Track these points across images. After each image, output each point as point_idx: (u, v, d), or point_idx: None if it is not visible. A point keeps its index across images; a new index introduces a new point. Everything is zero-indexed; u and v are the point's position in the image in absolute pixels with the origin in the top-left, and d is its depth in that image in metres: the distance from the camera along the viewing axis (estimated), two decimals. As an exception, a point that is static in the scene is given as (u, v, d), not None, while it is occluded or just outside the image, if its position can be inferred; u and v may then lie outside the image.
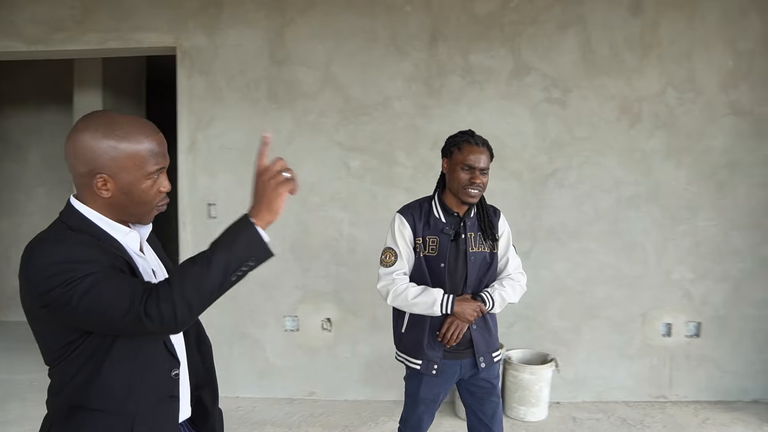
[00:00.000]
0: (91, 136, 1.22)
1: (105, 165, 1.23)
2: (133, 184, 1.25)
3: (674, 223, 4.09)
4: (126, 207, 1.28)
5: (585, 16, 3.95)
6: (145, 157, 1.25)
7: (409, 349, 2.37)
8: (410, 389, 2.42)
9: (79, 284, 1.13)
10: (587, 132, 4.04)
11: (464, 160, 2.30)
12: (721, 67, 3.99)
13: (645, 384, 4.10)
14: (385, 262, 2.36)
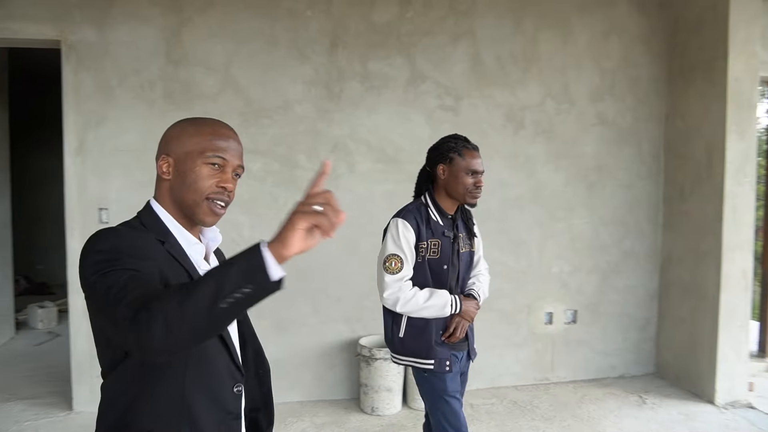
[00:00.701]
0: (172, 125, 1.33)
1: (171, 146, 1.29)
2: (189, 166, 1.26)
3: (553, 221, 4.58)
4: (179, 192, 1.28)
5: (475, 30, 4.32)
6: (208, 143, 1.27)
7: (417, 351, 2.41)
8: (434, 387, 2.42)
9: (110, 275, 1.08)
10: (477, 137, 4.31)
11: (468, 166, 2.43)
12: (590, 82, 4.56)
13: (531, 369, 4.55)
14: (391, 269, 2.38)
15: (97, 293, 1.09)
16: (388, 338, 2.52)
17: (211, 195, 1.28)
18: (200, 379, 1.22)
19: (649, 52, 4.65)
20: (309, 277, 4.15)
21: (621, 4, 4.58)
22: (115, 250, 1.14)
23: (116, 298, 1.04)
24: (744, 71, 4.11)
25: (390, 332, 2.50)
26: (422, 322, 2.40)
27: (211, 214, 1.29)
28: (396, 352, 2.49)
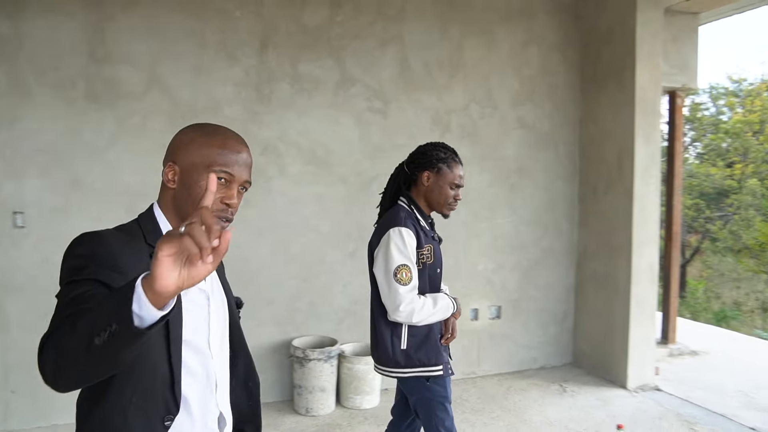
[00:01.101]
0: (181, 131, 1.31)
1: (179, 154, 1.26)
2: (195, 178, 1.23)
3: (477, 221, 4.80)
4: (183, 203, 1.26)
5: (403, 35, 4.46)
6: (217, 156, 1.23)
7: (426, 359, 2.36)
8: (436, 394, 2.39)
9: (70, 286, 1.08)
10: (405, 140, 4.54)
11: (454, 179, 2.44)
12: (511, 88, 4.81)
13: (459, 363, 4.72)
14: (404, 280, 2.29)
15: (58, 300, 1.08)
16: (387, 354, 2.39)
17: (214, 212, 1.22)
18: (140, 402, 1.17)
19: (565, 61, 4.97)
20: (240, 280, 4.13)
21: (540, 16, 4.87)
22: (89, 256, 1.13)
23: (54, 316, 1.04)
24: (649, 81, 4.49)
25: (390, 346, 2.38)
26: (425, 329, 2.37)
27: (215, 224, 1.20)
28: (397, 366, 2.38)
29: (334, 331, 4.38)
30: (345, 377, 4.16)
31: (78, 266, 1.11)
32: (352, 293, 4.44)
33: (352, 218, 4.42)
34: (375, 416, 4.03)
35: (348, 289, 4.43)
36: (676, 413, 4.12)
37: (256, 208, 4.14)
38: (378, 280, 2.38)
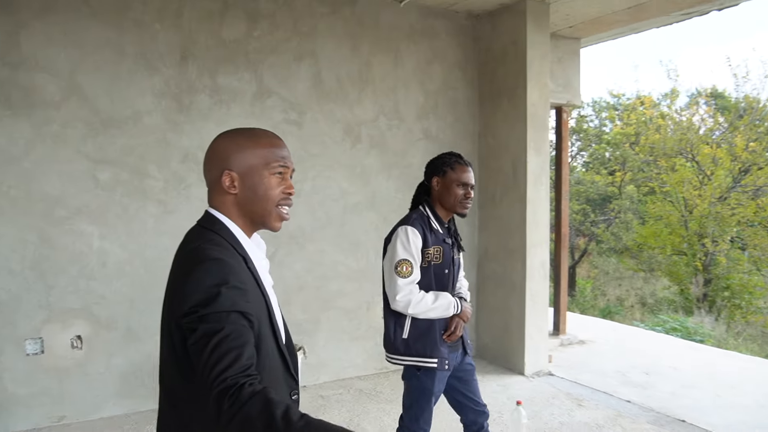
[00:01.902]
0: (221, 139, 1.45)
1: (232, 161, 1.39)
2: (257, 179, 1.40)
3: (386, 224, 5.13)
4: (250, 205, 1.41)
5: (316, 51, 4.81)
6: (270, 154, 1.41)
7: (422, 350, 2.62)
8: (424, 386, 2.65)
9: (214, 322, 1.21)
10: (319, 149, 4.90)
11: (459, 179, 2.67)
12: (416, 102, 5.29)
13: (372, 360, 5.13)
14: (403, 273, 2.56)
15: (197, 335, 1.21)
16: (389, 340, 2.69)
17: (281, 202, 1.43)
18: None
19: (464, 78, 5.52)
20: (161, 285, 4.28)
21: (441, 35, 5.38)
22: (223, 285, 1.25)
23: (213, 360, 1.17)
24: (538, 98, 5.11)
25: (392, 334, 2.68)
26: (427, 323, 2.62)
27: (279, 220, 1.46)
28: (397, 353, 2.67)
29: (254, 332, 4.62)
30: (266, 375, 4.42)
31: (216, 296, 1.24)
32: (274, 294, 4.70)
33: (271, 224, 4.68)
34: (296, 411, 4.31)
35: (267, 291, 4.69)
36: (566, 393, 4.73)
37: (177, 214, 4.33)
38: (384, 272, 2.69)
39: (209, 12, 4.41)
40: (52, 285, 4.05)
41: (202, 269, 1.28)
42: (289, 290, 4.79)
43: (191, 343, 1.23)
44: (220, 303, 1.23)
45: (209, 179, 1.45)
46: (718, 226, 13.88)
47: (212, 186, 1.45)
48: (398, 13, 5.14)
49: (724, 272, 14.29)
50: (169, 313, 1.34)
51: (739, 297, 13.84)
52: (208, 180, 1.46)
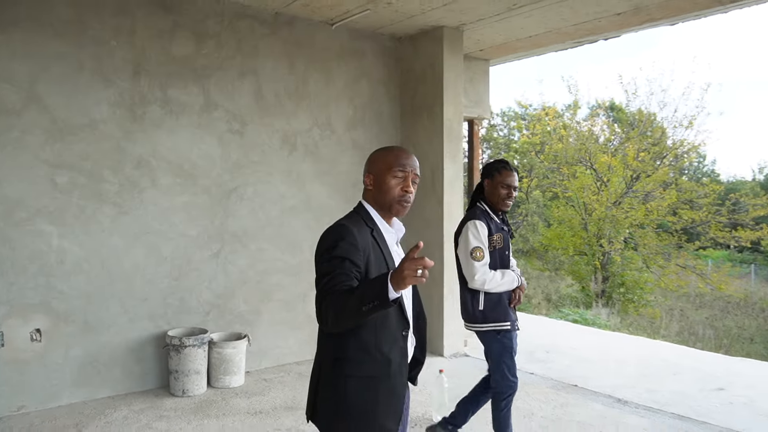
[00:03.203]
0: (372, 153, 2.18)
1: (371, 167, 2.11)
2: (382, 179, 2.07)
3: (320, 225, 5.78)
4: (377, 195, 2.08)
5: (258, 69, 5.41)
6: (391, 162, 2.07)
7: (497, 317, 3.39)
8: (505, 345, 3.42)
9: (328, 263, 1.87)
10: (259, 157, 5.49)
11: (504, 181, 3.43)
12: (346, 114, 5.99)
13: (308, 346, 5.76)
14: (477, 258, 3.34)
15: (317, 273, 1.91)
16: (468, 313, 3.48)
17: (399, 197, 2.07)
18: (384, 326, 1.99)
19: (388, 94, 6.28)
20: (117, 281, 4.77)
21: (368, 56, 6.12)
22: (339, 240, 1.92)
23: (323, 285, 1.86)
24: (453, 113, 5.94)
25: (470, 307, 3.45)
26: (497, 296, 3.41)
27: (401, 210, 2.09)
28: (476, 322, 3.44)
29: (202, 322, 5.16)
30: (215, 361, 4.97)
31: (332, 247, 1.90)
32: (216, 289, 5.25)
33: (216, 224, 5.24)
34: (244, 392, 4.89)
35: (213, 285, 5.23)
36: (480, 368, 5.53)
37: (131, 216, 4.81)
38: (460, 258, 3.43)
39: (160, 31, 4.93)
40: (12, 282, 4.43)
41: (331, 229, 2.00)
42: (234, 284, 5.35)
43: (318, 274, 1.90)
44: (337, 250, 1.89)
45: (363, 179, 2.16)
46: (613, 228, 15.41)
47: (365, 184, 2.16)
48: (330, 34, 5.83)
49: (620, 270, 15.88)
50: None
51: (632, 292, 15.43)
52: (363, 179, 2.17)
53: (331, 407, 1.98)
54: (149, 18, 4.88)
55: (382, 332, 1.98)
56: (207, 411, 4.51)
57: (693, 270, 15.67)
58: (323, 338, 2.05)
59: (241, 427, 4.21)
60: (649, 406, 4.69)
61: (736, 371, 5.76)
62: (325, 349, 2.03)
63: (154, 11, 4.90)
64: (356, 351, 1.95)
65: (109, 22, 4.71)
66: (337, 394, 1.97)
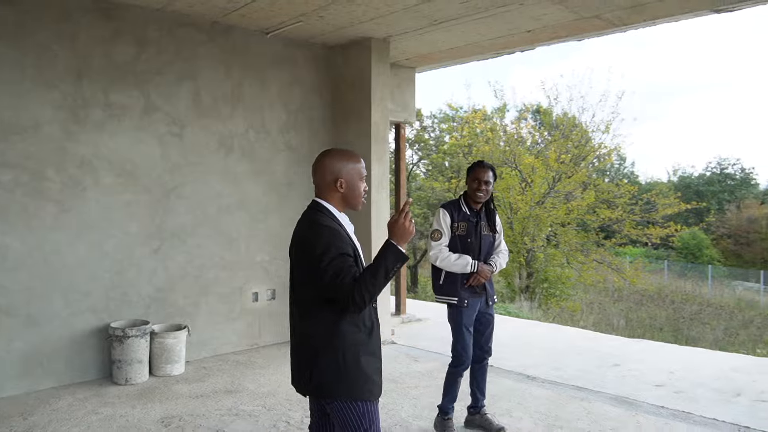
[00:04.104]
0: (333, 158, 2.45)
1: (342, 174, 2.42)
2: (354, 184, 2.44)
3: (255, 222, 6.30)
4: (349, 198, 2.45)
5: (196, 74, 5.80)
6: (360, 170, 2.47)
7: (448, 292, 4.04)
8: (455, 321, 4.05)
9: (334, 263, 2.23)
10: (197, 158, 5.87)
11: (474, 176, 4.06)
12: (280, 118, 6.45)
13: (245, 337, 6.19)
14: (435, 238, 4.01)
15: (323, 273, 2.22)
16: (434, 286, 4.15)
17: (362, 196, 2.52)
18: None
19: (320, 99, 6.78)
20: (59, 276, 5.06)
21: (301, 63, 6.60)
22: (331, 239, 2.28)
23: (340, 281, 2.22)
24: (381, 118, 6.49)
25: (436, 282, 4.12)
26: (454, 275, 4.03)
27: (361, 205, 2.52)
28: (438, 293, 4.12)
29: (143, 315, 5.50)
30: (157, 351, 5.33)
31: (329, 247, 2.26)
32: (156, 283, 5.61)
33: (156, 221, 5.60)
34: (185, 379, 5.28)
35: (153, 279, 5.58)
36: (406, 354, 6.15)
37: (73, 213, 5.12)
38: None
39: (102, 37, 5.25)
40: (-43, 276, 4.67)
41: (316, 232, 2.32)
42: (173, 279, 5.71)
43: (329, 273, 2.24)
44: (334, 249, 2.28)
45: (323, 182, 2.45)
46: (536, 227, 16.40)
47: (326, 186, 2.45)
48: (265, 42, 6.27)
49: (543, 266, 16.91)
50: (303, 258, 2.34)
51: (555, 287, 16.49)
52: (320, 182, 2.46)
53: (332, 374, 2.36)
54: (92, 24, 5.20)
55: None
56: (151, 396, 4.88)
57: (609, 265, 16.85)
58: (314, 323, 2.40)
59: (184, 409, 4.60)
60: (553, 381, 5.38)
61: (631, 350, 6.59)
62: (318, 331, 2.38)
63: (97, 18, 5.22)
64: (349, 325, 2.36)
65: (52, 29, 5.00)
66: (337, 362, 2.36)
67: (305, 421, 4.35)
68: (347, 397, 2.37)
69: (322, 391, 2.40)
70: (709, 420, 4.45)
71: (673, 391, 5.13)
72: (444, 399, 4.18)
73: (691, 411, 4.62)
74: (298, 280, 2.44)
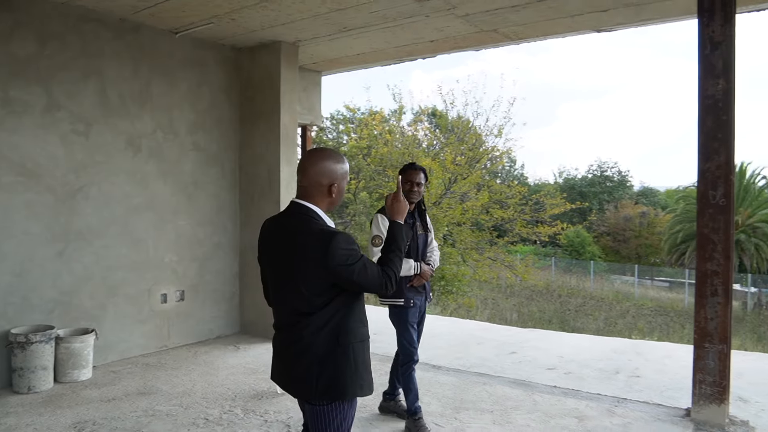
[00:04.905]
0: (330, 163, 2.44)
1: (337, 180, 2.45)
2: (343, 189, 2.50)
3: (163, 223, 6.29)
4: (335, 203, 2.49)
5: (102, 71, 5.72)
6: (347, 176, 2.52)
7: (395, 295, 4.15)
8: (401, 321, 4.26)
9: (359, 262, 2.33)
10: (104, 158, 5.80)
11: (407, 178, 4.19)
12: (188, 119, 6.47)
13: (154, 339, 6.16)
14: (376, 244, 4.04)
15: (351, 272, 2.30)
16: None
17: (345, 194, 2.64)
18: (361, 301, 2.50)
19: (228, 100, 6.85)
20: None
21: (210, 64, 6.64)
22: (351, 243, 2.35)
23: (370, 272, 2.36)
24: (289, 120, 6.67)
25: None
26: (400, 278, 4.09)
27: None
28: (385, 297, 4.18)
29: (47, 319, 5.37)
30: (62, 356, 5.22)
31: (352, 248, 2.34)
32: (61, 286, 5.49)
33: (61, 222, 5.48)
34: (93, 384, 5.21)
35: (58, 282, 5.46)
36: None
37: (-28, 214, 4.93)
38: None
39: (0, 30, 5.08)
40: None
41: (337, 237, 2.32)
42: (79, 281, 5.61)
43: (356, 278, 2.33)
44: (358, 253, 2.37)
45: (316, 185, 2.43)
46: (434, 226, 17.02)
47: (317, 190, 2.43)
48: (174, 42, 6.27)
49: (440, 264, 17.58)
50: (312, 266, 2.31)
51: (451, 284, 17.20)
52: (312, 184, 2.43)
53: (334, 373, 2.36)
54: (-11, 18, 5.03)
55: (362, 306, 2.53)
56: (58, 403, 4.79)
57: (502, 263, 17.83)
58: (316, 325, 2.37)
59: (96, 414, 4.57)
60: (457, 369, 5.79)
61: (526, 338, 7.17)
62: (321, 330, 2.37)
63: (-5, 11, 5.06)
64: (354, 323, 2.43)
65: (-53, 20, 4.81)
66: (344, 360, 2.38)
67: (224, 417, 4.48)
68: (352, 395, 2.41)
69: (334, 391, 2.37)
70: (594, 395, 5.00)
71: (564, 372, 5.69)
72: (408, 399, 4.31)
73: (579, 388, 5.17)
74: (300, 286, 2.36)
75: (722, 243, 4.15)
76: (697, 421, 4.31)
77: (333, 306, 2.35)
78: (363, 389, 2.44)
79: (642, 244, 35.39)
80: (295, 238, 2.38)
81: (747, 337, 16.42)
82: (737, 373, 5.31)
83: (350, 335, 2.39)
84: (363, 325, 2.49)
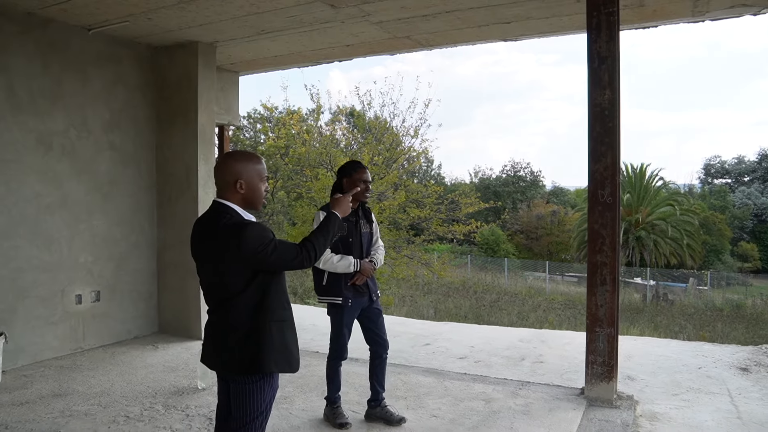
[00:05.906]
0: (236, 161, 2.71)
1: (243, 174, 2.66)
2: (254, 185, 2.68)
3: (78, 222, 6.24)
4: (250, 198, 2.69)
5: (9, 65, 5.62)
6: (260, 170, 2.70)
7: (332, 292, 4.17)
8: (336, 320, 4.26)
9: (274, 246, 2.58)
10: (13, 156, 5.70)
11: (360, 178, 4.18)
12: (103, 117, 6.44)
13: (67, 341, 6.09)
14: None
15: (267, 255, 2.55)
16: (317, 288, 4.26)
17: (263, 197, 2.79)
18: (282, 284, 2.76)
19: (145, 99, 6.84)
20: None
21: (125, 62, 6.62)
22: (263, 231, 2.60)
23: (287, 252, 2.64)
24: (207, 121, 6.74)
25: (319, 283, 4.23)
26: (337, 275, 4.15)
27: (261, 205, 2.80)
28: (321, 294, 4.25)
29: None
30: None
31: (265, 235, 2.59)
32: (-32, 288, 5.36)
33: (-33, 223, 5.35)
34: (3, 389, 5.09)
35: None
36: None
37: None
38: None
39: None
40: None
41: (249, 226, 2.59)
42: (-14, 283, 5.49)
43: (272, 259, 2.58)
44: (270, 237, 2.61)
45: (223, 183, 2.70)
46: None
47: (226, 187, 2.70)
48: (87, 39, 6.21)
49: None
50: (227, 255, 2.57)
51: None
52: (221, 182, 2.71)
53: (256, 348, 2.62)
54: None
55: (284, 289, 2.78)
56: (-34, 407, 4.71)
57: (419, 261, 18.31)
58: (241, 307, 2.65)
59: (9, 417, 4.51)
60: (374, 361, 6.06)
61: (440, 331, 7.54)
62: (243, 311, 2.64)
63: None
64: (273, 303, 2.68)
65: None
66: (264, 336, 2.63)
67: (145, 414, 4.56)
68: (269, 370, 2.66)
69: (254, 365, 2.63)
70: (501, 380, 5.40)
71: (474, 360, 6.07)
72: (330, 390, 4.45)
73: (487, 374, 5.56)
74: (220, 274, 2.65)
75: (609, 237, 4.60)
76: (590, 398, 4.75)
77: (252, 289, 2.62)
78: (279, 364, 2.69)
79: (553, 241, 37.09)
80: (214, 232, 2.63)
81: (645, 326, 17.65)
82: (627, 356, 5.86)
83: (269, 314, 2.66)
84: (283, 309, 2.74)
